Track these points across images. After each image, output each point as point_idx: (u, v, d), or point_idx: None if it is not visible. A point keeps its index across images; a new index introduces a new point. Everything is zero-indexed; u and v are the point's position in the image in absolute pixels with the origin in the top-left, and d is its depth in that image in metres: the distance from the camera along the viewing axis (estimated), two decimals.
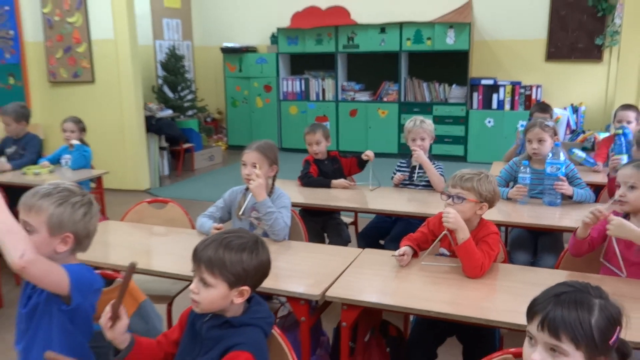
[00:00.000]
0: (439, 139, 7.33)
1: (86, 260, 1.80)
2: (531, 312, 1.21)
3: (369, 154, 3.55)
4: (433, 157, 3.55)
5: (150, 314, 1.79)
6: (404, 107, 8.01)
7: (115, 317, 1.41)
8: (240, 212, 2.58)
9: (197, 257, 1.43)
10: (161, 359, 1.49)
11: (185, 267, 2.22)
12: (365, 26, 8.02)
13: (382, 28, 7.91)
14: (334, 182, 3.55)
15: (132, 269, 1.38)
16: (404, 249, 2.22)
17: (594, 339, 1.13)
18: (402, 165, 3.63)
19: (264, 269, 1.48)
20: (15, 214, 1.53)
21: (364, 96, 8.35)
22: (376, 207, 3.23)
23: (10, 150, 4.44)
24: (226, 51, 8.82)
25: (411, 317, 2.56)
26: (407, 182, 3.54)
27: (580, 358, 1.15)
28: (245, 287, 1.43)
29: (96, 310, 1.61)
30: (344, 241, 3.46)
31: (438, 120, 7.53)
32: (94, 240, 2.60)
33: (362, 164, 3.65)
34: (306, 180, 3.61)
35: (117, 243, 2.68)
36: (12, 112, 4.36)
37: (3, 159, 4.28)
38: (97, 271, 1.78)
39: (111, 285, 1.90)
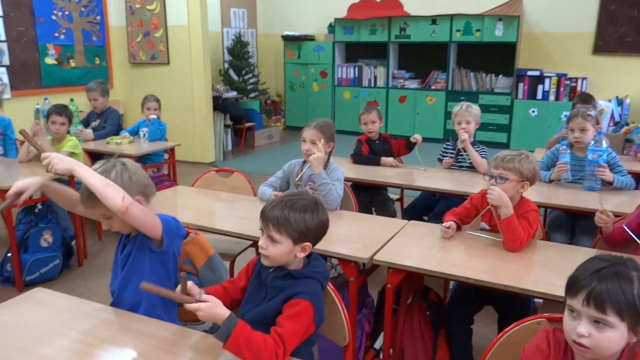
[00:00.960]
0: (483, 127, 7.19)
1: None
2: (574, 288, 1.18)
3: (417, 137, 3.55)
4: (477, 142, 3.50)
5: (219, 266, 1.88)
6: (451, 95, 7.86)
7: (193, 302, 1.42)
8: (297, 179, 2.64)
9: (265, 216, 1.48)
10: (228, 303, 1.56)
11: (247, 228, 2.32)
12: (417, 18, 7.88)
13: (433, 20, 7.75)
14: (383, 159, 3.56)
15: (185, 281, 1.38)
16: (449, 223, 2.22)
17: (636, 309, 1.12)
18: (447, 147, 3.59)
19: (323, 227, 1.52)
20: None
21: (413, 84, 8.24)
22: (421, 185, 3.23)
23: (94, 123, 4.66)
24: (287, 39, 8.88)
25: (450, 285, 2.57)
26: (453, 164, 3.51)
27: (624, 328, 1.14)
28: (307, 243, 1.48)
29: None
30: (390, 215, 3.47)
31: (483, 108, 7.23)
32: (168, 202, 2.75)
33: (410, 146, 3.64)
34: (357, 158, 3.64)
35: (187, 205, 2.80)
36: (98, 88, 4.57)
37: (88, 130, 4.50)
38: None
39: (185, 239, 1.99)
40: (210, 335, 1.47)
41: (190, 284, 1.37)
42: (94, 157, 4.06)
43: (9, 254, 3.26)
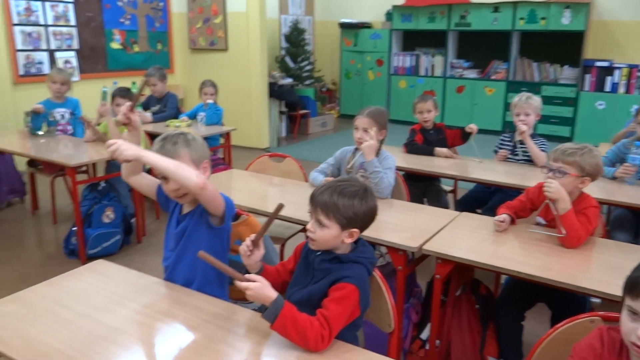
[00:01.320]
0: (544, 119, 6.97)
1: None
2: (637, 289, 1.13)
3: (473, 127, 3.47)
4: (537, 134, 3.39)
5: (268, 247, 1.92)
6: (511, 85, 7.61)
7: (255, 246, 1.53)
8: (349, 166, 2.64)
9: (314, 201, 1.51)
10: (279, 285, 1.60)
11: (297, 213, 2.35)
12: (479, 5, 7.65)
13: (496, 7, 7.50)
14: (437, 149, 3.51)
15: (279, 209, 1.46)
16: (503, 216, 2.17)
17: None
18: (505, 139, 3.50)
19: (371, 214, 1.52)
20: None
21: (472, 73, 8.03)
22: (476, 176, 3.16)
23: (154, 108, 4.84)
24: (344, 26, 8.85)
25: (502, 280, 2.52)
26: (509, 156, 3.42)
27: None
28: (355, 229, 1.49)
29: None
30: (442, 207, 3.42)
31: (546, 100, 7.04)
32: (223, 185, 2.83)
33: (465, 137, 3.57)
34: (411, 147, 3.60)
35: (240, 188, 2.87)
36: (157, 74, 4.72)
37: (147, 113, 4.67)
38: None
39: (237, 220, 2.05)
40: (259, 314, 1.52)
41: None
42: (154, 139, 4.21)
43: (74, 228, 3.46)
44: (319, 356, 1.34)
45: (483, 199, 3.35)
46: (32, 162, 4.19)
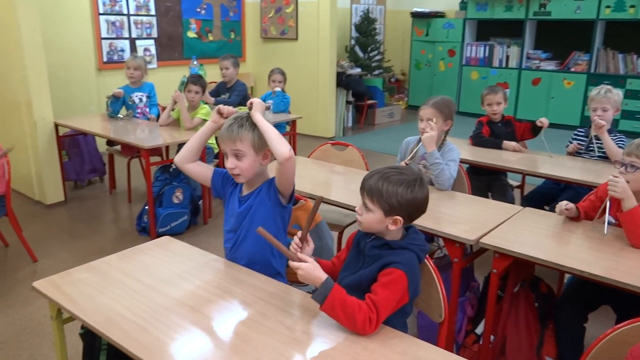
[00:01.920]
0: (629, 115, 6.56)
1: None
2: None
3: (543, 120, 3.34)
4: (616, 130, 3.21)
5: (325, 233, 1.97)
6: (593, 78, 7.19)
7: (304, 242, 1.57)
8: (409, 158, 2.63)
9: (363, 184, 1.55)
10: (335, 277, 1.64)
11: (357, 201, 2.37)
12: None
13: None
14: (506, 143, 3.41)
15: (320, 201, 1.53)
16: (571, 204, 2.10)
17: None
18: (579, 133, 3.34)
19: (417, 205, 1.51)
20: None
21: (549, 65, 7.66)
22: (545, 172, 3.04)
23: (224, 96, 5.01)
24: (415, 15, 8.70)
25: (565, 279, 2.43)
26: (583, 152, 3.27)
27: None
28: (398, 217, 1.50)
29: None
30: (507, 202, 3.33)
31: (631, 94, 6.66)
32: None
33: (535, 130, 3.44)
34: (477, 140, 3.52)
35: (303, 175, 2.92)
36: (231, 59, 4.88)
37: (212, 98, 4.82)
38: None
39: (296, 205, 2.10)
40: (311, 296, 1.57)
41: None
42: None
43: (146, 207, 3.67)
44: (366, 339, 1.36)
45: (552, 195, 3.23)
46: (112, 144, 4.48)
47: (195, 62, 5.07)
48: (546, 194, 3.28)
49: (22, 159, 4.27)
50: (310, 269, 1.42)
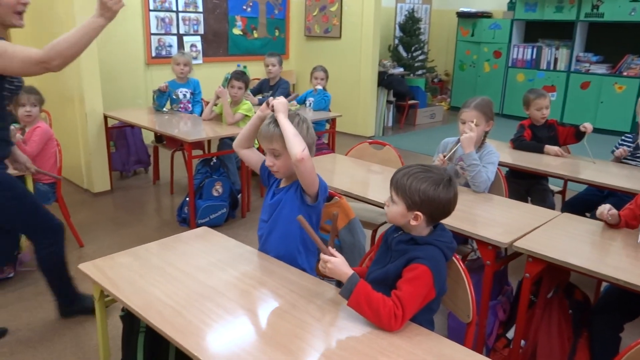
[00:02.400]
0: None
1: None
2: None
3: (587, 126, 3.27)
4: None
5: (357, 230, 2.00)
6: None
7: (327, 251, 1.55)
8: (447, 157, 2.62)
9: (392, 178, 1.60)
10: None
11: None
12: None
13: None
14: (547, 147, 3.35)
15: (336, 218, 1.58)
16: (614, 210, 2.06)
17: None
18: (627, 139, 3.25)
19: (439, 204, 1.52)
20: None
21: (600, 69, 7.42)
22: (588, 178, 2.97)
23: (267, 94, 5.10)
24: (461, 15, 8.59)
25: (602, 288, 2.38)
26: (630, 158, 3.17)
27: None
28: (419, 213, 1.52)
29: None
30: (547, 207, 3.27)
31: None
32: (324, 168, 2.95)
33: (579, 135, 3.36)
34: (518, 143, 3.47)
35: (340, 172, 2.97)
36: (277, 57, 4.96)
37: (255, 97, 4.92)
38: None
39: (330, 201, 2.14)
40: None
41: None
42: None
43: (187, 199, 3.78)
44: (392, 335, 1.39)
45: (594, 202, 3.14)
46: (157, 137, 4.63)
47: (239, 66, 5.19)
48: (588, 201, 3.21)
49: (73, 149, 4.48)
50: (339, 263, 1.47)
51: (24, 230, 2.47)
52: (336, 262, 1.47)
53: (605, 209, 2.09)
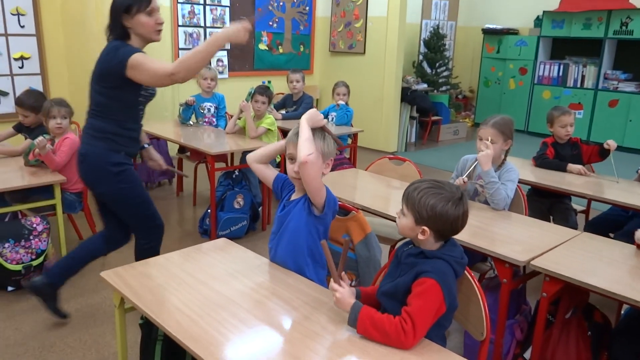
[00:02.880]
0: None
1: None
2: None
3: (610, 143, 3.23)
4: None
5: (373, 244, 2.01)
6: None
7: (337, 280, 1.56)
8: (465, 175, 2.63)
9: (405, 190, 1.62)
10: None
11: None
12: None
13: None
14: (570, 166, 3.31)
15: (348, 243, 1.57)
16: None
17: None
18: None
19: (447, 221, 1.53)
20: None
21: (629, 86, 7.31)
22: (612, 198, 2.93)
23: (290, 109, 5.18)
24: (487, 32, 8.58)
25: (623, 310, 2.33)
26: None
27: None
28: (426, 228, 1.54)
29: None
30: (570, 227, 3.23)
31: None
32: (344, 182, 2.98)
33: (603, 154, 3.32)
34: (540, 161, 3.44)
35: (360, 187, 3.00)
36: (301, 72, 5.05)
37: (278, 112, 4.99)
38: (340, 203, 2.06)
39: (347, 216, 2.17)
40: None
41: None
42: (286, 135, 4.53)
43: (209, 210, 3.85)
44: (402, 352, 1.39)
45: (618, 222, 3.10)
46: (182, 149, 4.73)
47: (264, 82, 5.30)
48: (612, 221, 3.15)
49: None
50: (346, 294, 1.49)
51: (134, 223, 2.67)
52: (344, 293, 1.50)
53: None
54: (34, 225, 2.99)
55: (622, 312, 2.34)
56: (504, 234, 2.25)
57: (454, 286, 1.52)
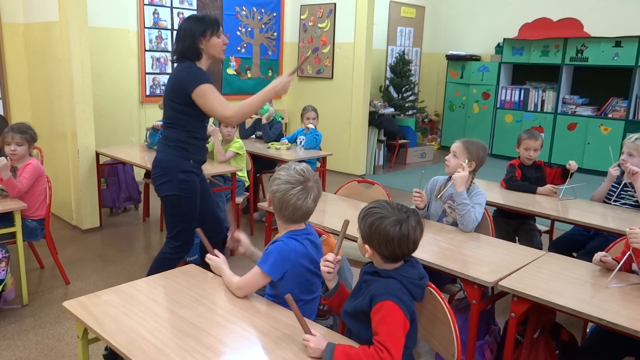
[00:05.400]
0: None
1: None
2: None
3: (572, 164, 3.33)
4: None
5: (344, 268, 2.00)
6: (631, 125, 7.08)
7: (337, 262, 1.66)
8: (439, 196, 2.66)
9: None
10: None
11: None
12: (598, 39, 7.28)
13: (618, 41, 7.09)
14: (540, 189, 3.39)
15: (347, 224, 1.66)
16: (607, 257, 2.06)
17: None
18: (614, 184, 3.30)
19: (385, 239, 1.53)
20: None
21: (586, 111, 7.60)
22: (574, 218, 3.00)
23: (259, 133, 5.18)
24: (451, 58, 8.82)
25: (588, 328, 2.37)
26: (613, 198, 3.22)
27: None
28: (368, 246, 1.58)
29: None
30: (534, 247, 3.28)
31: None
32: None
33: (565, 175, 3.42)
34: (511, 184, 3.50)
35: (329, 210, 2.99)
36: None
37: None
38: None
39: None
40: (330, 330, 1.62)
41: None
42: (255, 159, 4.52)
43: None
44: None
45: (581, 242, 3.17)
46: (148, 174, 4.65)
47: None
48: (575, 240, 3.23)
49: (63, 185, 4.48)
50: (318, 340, 1.46)
51: (171, 230, 2.84)
52: (315, 340, 1.46)
53: (598, 256, 2.08)
54: None
55: (588, 330, 2.38)
56: (472, 255, 2.27)
57: (411, 306, 1.52)
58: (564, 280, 2.02)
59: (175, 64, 2.77)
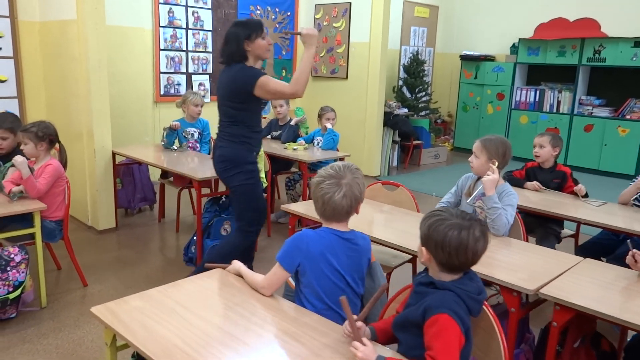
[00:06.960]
0: None
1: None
2: None
3: (580, 188, 3.31)
4: None
5: (378, 274, 1.93)
6: None
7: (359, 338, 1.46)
8: (468, 200, 2.59)
9: None
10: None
11: (406, 242, 2.36)
12: (616, 39, 7.16)
13: (637, 42, 6.97)
14: (527, 184, 3.45)
15: (384, 288, 1.58)
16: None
17: None
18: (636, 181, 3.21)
19: (445, 244, 1.46)
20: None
21: (603, 112, 7.48)
22: (602, 222, 2.92)
23: (275, 133, 5.13)
24: (465, 58, 8.72)
25: (628, 338, 2.29)
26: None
27: None
28: (424, 249, 1.52)
29: None
30: (548, 247, 3.20)
31: None
32: None
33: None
34: (503, 175, 3.43)
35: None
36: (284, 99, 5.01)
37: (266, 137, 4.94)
38: None
39: None
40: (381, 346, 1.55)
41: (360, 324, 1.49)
42: (272, 159, 4.46)
43: (194, 238, 3.71)
44: None
45: (609, 246, 3.09)
46: (164, 174, 4.60)
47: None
48: (603, 245, 3.14)
49: (79, 185, 4.44)
50: (367, 352, 1.39)
51: (239, 218, 3.09)
52: (365, 351, 1.39)
53: (632, 253, 2.01)
54: (12, 256, 2.82)
55: (628, 339, 2.30)
56: (507, 261, 2.19)
57: (467, 321, 1.43)
58: (606, 288, 1.93)
59: (224, 66, 2.97)
